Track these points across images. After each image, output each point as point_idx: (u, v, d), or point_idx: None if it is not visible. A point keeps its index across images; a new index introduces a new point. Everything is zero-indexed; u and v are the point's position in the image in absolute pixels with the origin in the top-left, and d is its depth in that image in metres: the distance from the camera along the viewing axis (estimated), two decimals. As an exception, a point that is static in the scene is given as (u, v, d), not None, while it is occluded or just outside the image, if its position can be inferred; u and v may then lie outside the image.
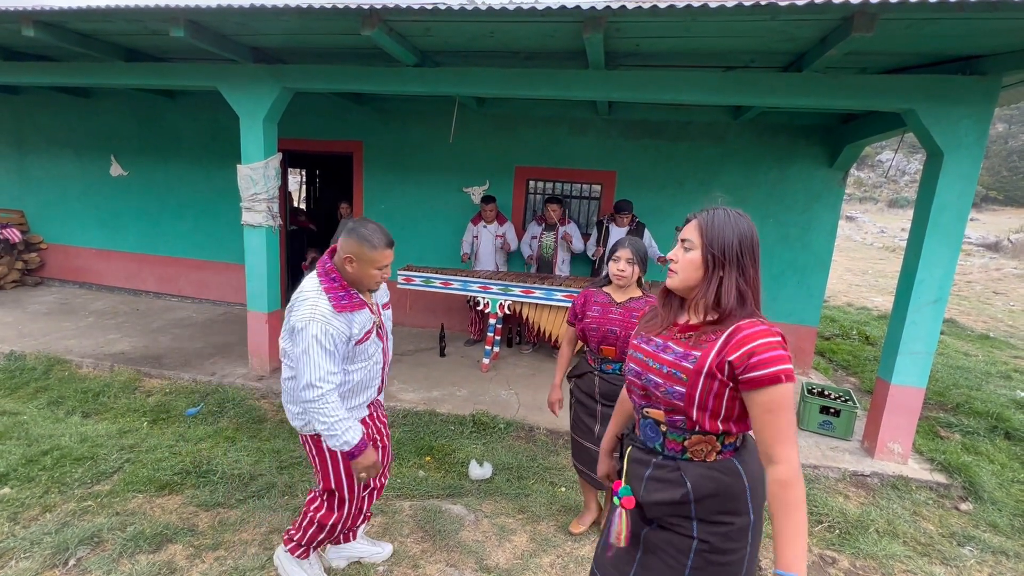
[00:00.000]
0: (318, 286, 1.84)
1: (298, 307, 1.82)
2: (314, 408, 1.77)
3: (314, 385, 1.76)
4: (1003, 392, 4.99)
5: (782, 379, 1.13)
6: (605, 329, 2.31)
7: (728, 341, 1.19)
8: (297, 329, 1.80)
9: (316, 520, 2.04)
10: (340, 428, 1.79)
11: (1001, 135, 30.04)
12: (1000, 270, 14.50)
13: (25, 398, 3.85)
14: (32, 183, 6.92)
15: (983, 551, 2.75)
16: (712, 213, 1.26)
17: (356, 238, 1.81)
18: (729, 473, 1.24)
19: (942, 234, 3.22)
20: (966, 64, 3.14)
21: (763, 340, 1.16)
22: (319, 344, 1.76)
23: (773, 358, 1.14)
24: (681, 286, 1.29)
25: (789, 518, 1.13)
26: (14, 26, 3.59)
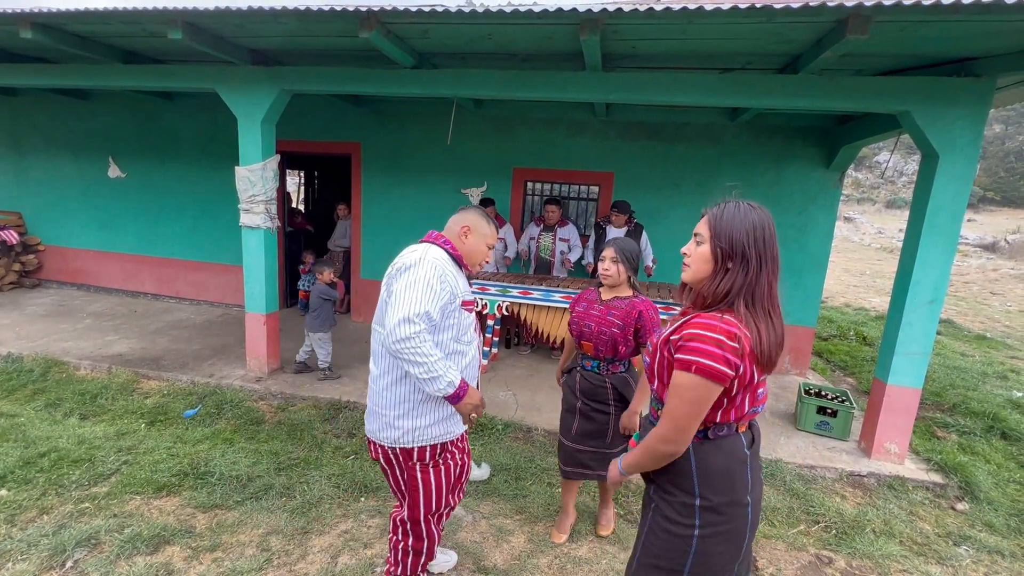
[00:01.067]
0: (428, 244, 1.77)
1: (405, 254, 1.72)
2: (410, 347, 1.55)
3: (411, 320, 1.55)
4: (1000, 392, 5.01)
5: (690, 369, 1.20)
6: (583, 324, 2.36)
7: (683, 325, 1.27)
8: (406, 266, 1.65)
9: (411, 549, 1.92)
10: (441, 368, 1.61)
11: (998, 136, 30.13)
12: (997, 271, 14.54)
13: (23, 400, 3.85)
14: (30, 185, 6.92)
15: (979, 551, 2.76)
16: (723, 207, 1.29)
17: (475, 212, 1.85)
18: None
19: (938, 235, 3.24)
20: (961, 66, 3.15)
21: (701, 331, 1.21)
22: (426, 281, 1.61)
23: (696, 348, 1.20)
24: (693, 279, 1.33)
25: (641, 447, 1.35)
26: (12, 28, 3.60)
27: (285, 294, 6.54)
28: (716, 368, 1.18)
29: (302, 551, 2.43)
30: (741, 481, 1.30)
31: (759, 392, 1.31)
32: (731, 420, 1.30)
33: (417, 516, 1.85)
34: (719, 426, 1.30)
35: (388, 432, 1.76)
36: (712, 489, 1.28)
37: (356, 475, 3.03)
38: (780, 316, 1.27)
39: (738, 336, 1.19)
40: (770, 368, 1.26)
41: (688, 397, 1.22)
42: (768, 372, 1.28)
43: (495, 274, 5.00)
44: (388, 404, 1.75)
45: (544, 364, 5.10)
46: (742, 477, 1.30)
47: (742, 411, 1.29)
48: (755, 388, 1.28)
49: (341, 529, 2.59)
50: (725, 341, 1.19)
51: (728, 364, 1.18)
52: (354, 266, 6.17)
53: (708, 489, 1.29)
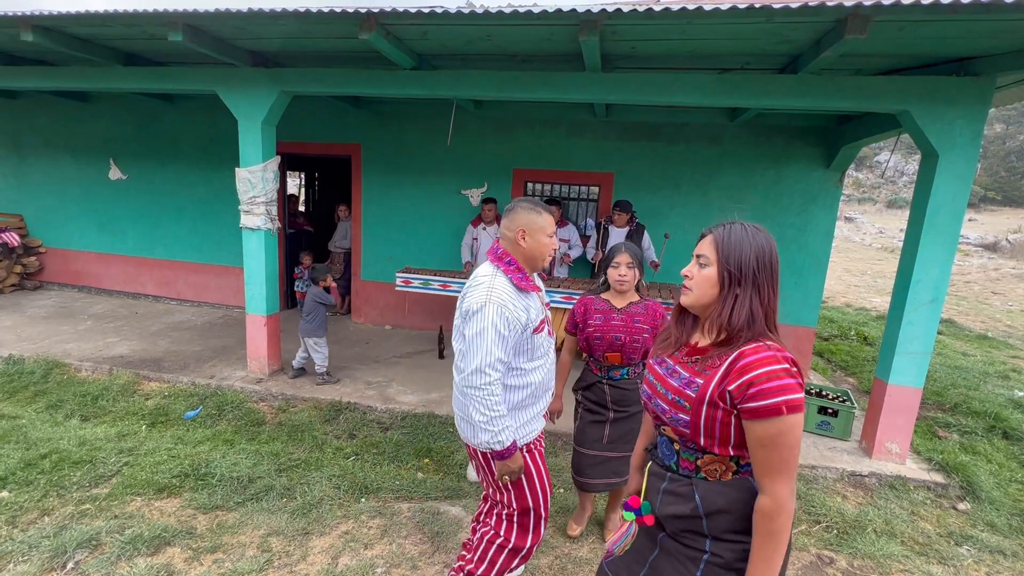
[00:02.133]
0: (494, 269, 1.77)
1: (472, 290, 1.73)
2: (479, 396, 1.65)
3: (483, 371, 1.65)
4: (1001, 392, 5.00)
5: (783, 411, 1.07)
6: (611, 337, 2.29)
7: (730, 369, 1.14)
8: (472, 311, 1.69)
9: (509, 547, 1.86)
10: (499, 425, 1.67)
11: (999, 135, 30.11)
12: (998, 270, 14.53)
13: (24, 402, 3.85)
14: (31, 187, 6.93)
15: (981, 550, 2.76)
16: (729, 228, 1.21)
17: (522, 211, 1.79)
18: (742, 490, 1.18)
19: (938, 234, 3.24)
20: (960, 65, 3.15)
21: (764, 369, 1.09)
22: (494, 328, 1.65)
23: (773, 389, 1.07)
24: (696, 304, 1.24)
25: (762, 547, 1.11)
26: (13, 31, 3.61)
27: (286, 295, 6.55)
28: (800, 399, 1.08)
29: (303, 552, 2.43)
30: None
31: None
32: None
33: (526, 505, 1.83)
34: None
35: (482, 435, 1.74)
36: None
37: (357, 476, 3.03)
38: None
39: (794, 361, 1.12)
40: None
41: (791, 441, 1.08)
42: None
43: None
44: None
45: (545, 365, 5.09)
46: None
47: None
48: None
49: (342, 530, 2.59)
50: (791, 369, 1.10)
51: (802, 389, 1.10)
52: (355, 267, 6.18)
53: None
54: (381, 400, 4.04)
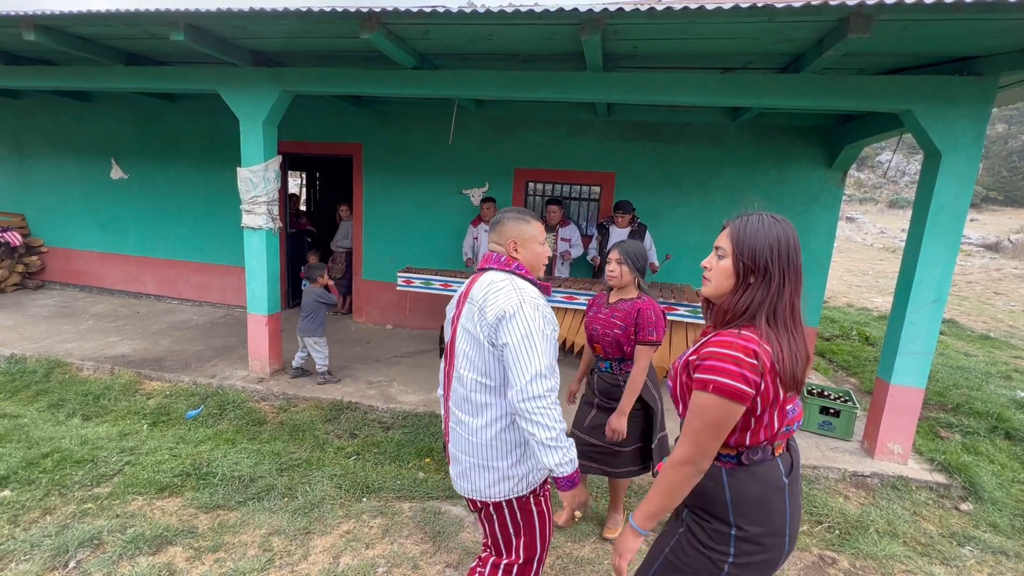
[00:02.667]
0: (507, 275, 1.60)
1: (495, 295, 1.52)
2: (542, 407, 1.41)
3: (544, 375, 1.43)
4: (1003, 392, 4.99)
5: (708, 388, 1.16)
6: (591, 328, 2.45)
7: (703, 343, 1.23)
8: (509, 314, 1.47)
9: None
10: (566, 440, 1.44)
11: (1001, 135, 30.05)
12: (1000, 270, 14.50)
13: (26, 401, 3.86)
14: (33, 187, 6.94)
15: (983, 551, 2.75)
16: (745, 219, 1.24)
17: (510, 222, 1.68)
18: (710, 477, 1.24)
19: (940, 234, 3.23)
20: (963, 65, 3.15)
21: (719, 349, 1.17)
22: (540, 330, 1.47)
23: (713, 367, 1.16)
24: (715, 294, 1.28)
25: (657, 485, 1.26)
26: (15, 30, 3.61)
27: (287, 295, 6.55)
28: (734, 386, 1.13)
29: (304, 551, 2.43)
30: (778, 511, 1.24)
31: (788, 409, 1.24)
32: (761, 441, 1.23)
33: (533, 555, 1.66)
34: (752, 450, 1.24)
35: (503, 485, 1.58)
36: (748, 519, 1.23)
37: (358, 475, 3.03)
38: (803, 333, 1.22)
39: (757, 352, 1.14)
40: (796, 387, 1.19)
41: (706, 417, 1.17)
42: (795, 391, 1.20)
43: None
44: (500, 454, 1.56)
45: (546, 364, 5.09)
46: (779, 507, 1.24)
47: (772, 430, 1.22)
48: (783, 405, 1.21)
49: (343, 529, 2.59)
50: (743, 358, 1.13)
51: (747, 382, 1.13)
52: (356, 267, 6.18)
53: (744, 519, 1.23)
54: (382, 400, 4.04)
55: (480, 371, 1.56)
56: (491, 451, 1.57)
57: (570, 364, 5.12)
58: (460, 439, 1.62)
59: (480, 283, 1.60)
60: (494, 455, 1.57)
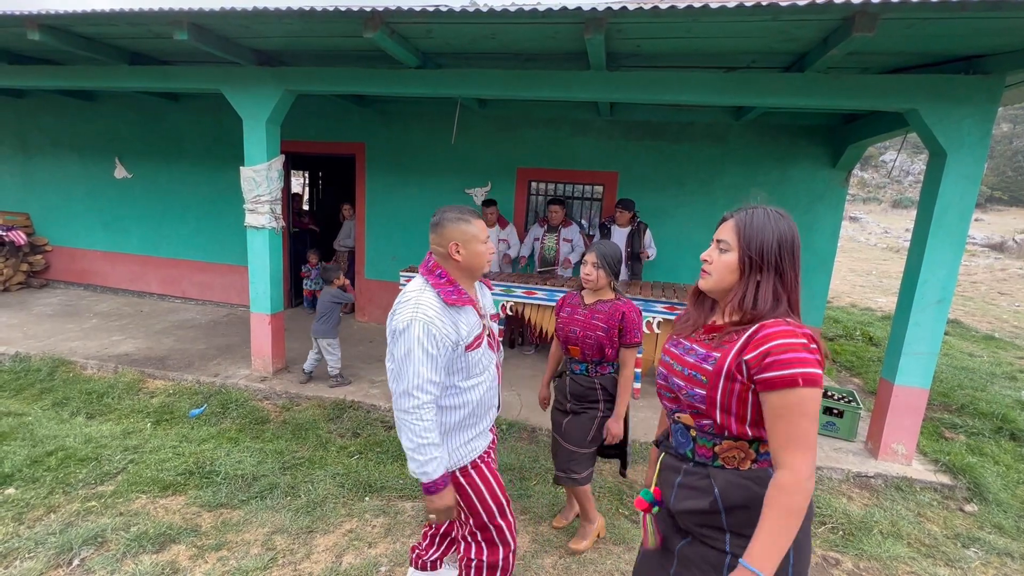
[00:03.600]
0: (423, 284, 1.69)
1: (400, 309, 1.65)
2: (407, 421, 1.58)
3: (411, 394, 1.57)
4: (1008, 393, 4.97)
5: (798, 382, 1.05)
6: (568, 330, 2.38)
7: (748, 341, 1.12)
8: (399, 331, 1.61)
9: (485, 566, 1.82)
10: (426, 454, 1.58)
11: (1006, 135, 29.91)
12: (1005, 270, 14.43)
13: (30, 399, 3.87)
14: (37, 186, 6.97)
15: (988, 552, 2.74)
16: (751, 213, 1.19)
17: (450, 223, 1.70)
18: (762, 484, 1.13)
19: (945, 234, 3.21)
20: (969, 64, 3.13)
21: (782, 340, 1.08)
22: (421, 347, 1.57)
23: (790, 360, 1.05)
24: (715, 288, 1.23)
25: (774, 519, 1.06)
26: (19, 30, 3.63)
27: (290, 294, 6.56)
28: (817, 374, 1.06)
29: (307, 550, 2.43)
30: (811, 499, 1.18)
31: None
32: None
33: (483, 521, 1.79)
34: None
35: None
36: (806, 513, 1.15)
37: (361, 474, 3.03)
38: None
39: (813, 337, 1.10)
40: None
41: (809, 412, 1.06)
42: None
43: (499, 274, 5.00)
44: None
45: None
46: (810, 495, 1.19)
47: None
48: None
49: (346, 528, 2.60)
50: (810, 344, 1.08)
51: (821, 366, 1.08)
52: (359, 266, 6.19)
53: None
54: (385, 399, 4.04)
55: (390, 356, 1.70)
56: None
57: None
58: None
59: (403, 290, 1.72)
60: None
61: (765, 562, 1.05)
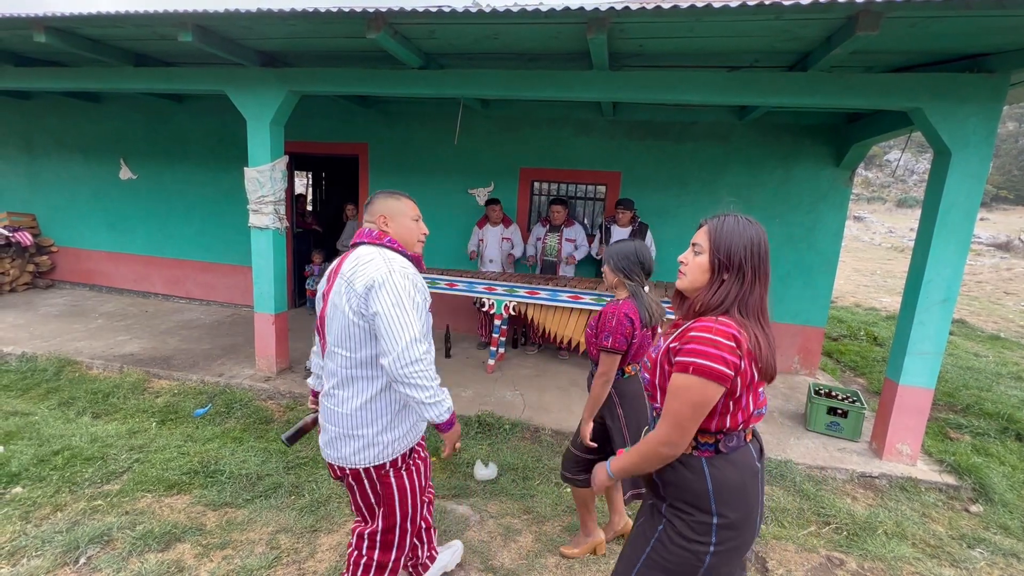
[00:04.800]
0: (376, 248, 1.65)
1: (364, 267, 1.57)
2: (420, 371, 1.50)
3: (418, 340, 1.50)
4: (1014, 393, 4.94)
5: (689, 369, 1.21)
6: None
7: (682, 332, 1.28)
8: (378, 283, 1.52)
9: (375, 562, 1.80)
10: (441, 394, 1.58)
11: (1011, 134, 29.73)
12: (1011, 270, 14.34)
13: (37, 399, 3.90)
14: (43, 187, 7.01)
15: (994, 553, 2.72)
16: (723, 219, 1.32)
17: (378, 200, 1.75)
18: (691, 469, 1.31)
19: (950, 233, 3.20)
20: (973, 62, 3.11)
21: (699, 334, 1.23)
22: (411, 297, 1.53)
23: (694, 350, 1.22)
24: (689, 287, 1.36)
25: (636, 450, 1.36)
26: (26, 32, 3.65)
27: (294, 294, 6.58)
28: (714, 368, 1.20)
29: (311, 549, 2.44)
30: (753, 494, 1.32)
31: (760, 391, 1.32)
32: (738, 425, 1.30)
33: (393, 523, 1.76)
34: (729, 436, 1.31)
35: (368, 452, 1.66)
36: (729, 506, 1.29)
37: (364, 474, 3.04)
38: (771, 329, 1.30)
39: (736, 336, 1.22)
40: (769, 376, 1.28)
41: (686, 398, 1.23)
42: (767, 380, 1.29)
43: (502, 274, 5.00)
44: (366, 422, 1.65)
45: (551, 364, 5.10)
46: (754, 490, 1.32)
47: (748, 412, 1.30)
48: (756, 388, 1.30)
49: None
50: (722, 342, 1.21)
51: (726, 364, 1.20)
52: (362, 266, 6.19)
53: (726, 507, 1.29)
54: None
55: (347, 346, 1.61)
56: (357, 420, 1.65)
57: (575, 364, 5.12)
58: (328, 411, 1.70)
59: (350, 258, 1.64)
60: (360, 424, 1.65)
61: (616, 468, 1.43)
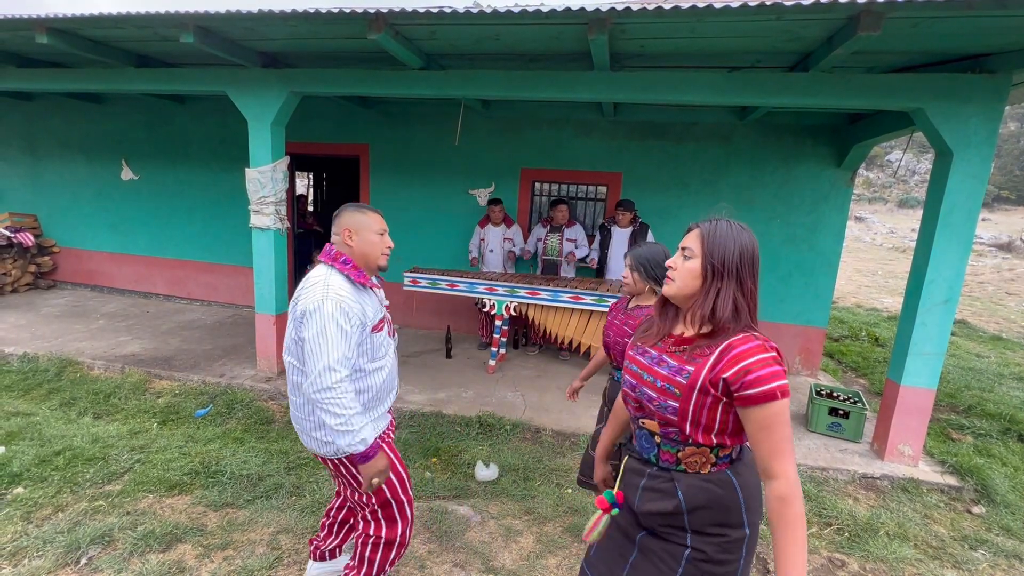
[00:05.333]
0: (328, 269, 1.75)
1: (307, 291, 1.70)
2: (330, 398, 1.59)
3: (333, 368, 1.59)
4: (1016, 394, 4.93)
5: (778, 396, 1.13)
6: (605, 334, 2.35)
7: (722, 357, 1.18)
8: (309, 312, 1.64)
9: (382, 542, 1.87)
10: (357, 423, 1.62)
11: (1013, 134, 29.69)
12: (1013, 270, 14.31)
13: (38, 399, 3.90)
14: (45, 188, 7.03)
15: (996, 554, 2.72)
16: (715, 223, 1.26)
17: (346, 213, 1.83)
18: (723, 485, 1.23)
19: (952, 234, 3.19)
20: (975, 62, 3.11)
21: (758, 357, 1.15)
22: (336, 323, 1.62)
23: (768, 375, 1.13)
24: (678, 294, 1.28)
25: (789, 534, 1.12)
26: (28, 33, 3.66)
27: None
28: (788, 385, 1.16)
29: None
30: (762, 494, 1.28)
31: None
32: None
33: (385, 498, 1.84)
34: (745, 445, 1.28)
35: (327, 448, 1.77)
36: (755, 512, 1.25)
37: (365, 475, 3.04)
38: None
39: (777, 349, 1.19)
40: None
41: (785, 422, 1.15)
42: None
43: (502, 274, 5.01)
44: (314, 427, 1.76)
45: (552, 365, 5.09)
46: (760, 490, 1.28)
47: None
48: None
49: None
50: (778, 356, 1.17)
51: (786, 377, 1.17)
52: (363, 267, 6.20)
53: (752, 514, 1.25)
54: (389, 399, 4.05)
55: (295, 356, 1.75)
56: (308, 424, 1.78)
57: (576, 364, 5.11)
58: (293, 410, 1.85)
59: (305, 277, 1.78)
60: (310, 427, 1.77)
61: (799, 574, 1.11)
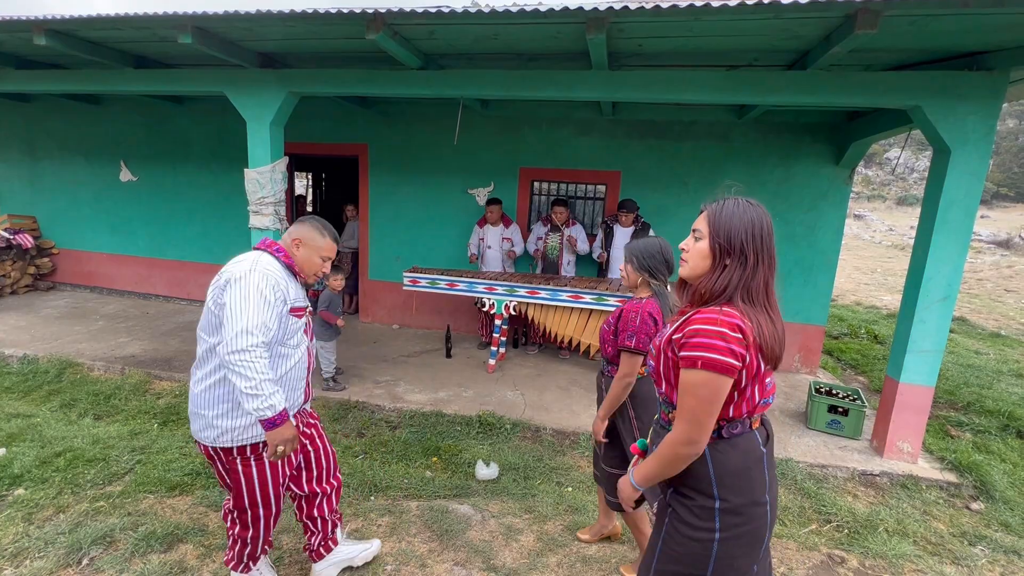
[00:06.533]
0: (259, 253, 1.82)
1: (235, 265, 1.75)
2: (244, 361, 1.59)
3: (250, 332, 1.60)
4: (1015, 391, 4.94)
5: (697, 364, 1.20)
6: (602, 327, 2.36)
7: (684, 322, 1.27)
8: (234, 279, 1.67)
9: (238, 537, 1.97)
10: (268, 388, 1.62)
11: (1011, 131, 29.73)
12: (1012, 267, 14.33)
13: (38, 400, 3.91)
14: (44, 189, 7.03)
15: (995, 551, 2.73)
16: (722, 203, 1.29)
17: (308, 224, 1.89)
18: None
19: (950, 231, 3.20)
20: (972, 60, 3.12)
21: (704, 327, 1.20)
22: (259, 292, 1.66)
23: (701, 344, 1.20)
24: (691, 275, 1.33)
25: (655, 456, 1.32)
26: (26, 35, 3.66)
27: (294, 295, 6.58)
28: (723, 361, 1.18)
29: (313, 549, 2.44)
30: (759, 480, 1.28)
31: (767, 382, 1.30)
32: (743, 414, 1.28)
33: (242, 505, 1.90)
34: (732, 423, 1.29)
35: (208, 432, 1.79)
36: (731, 490, 1.27)
37: (366, 474, 3.04)
38: (778, 313, 1.27)
39: (740, 327, 1.20)
40: (775, 363, 1.25)
41: (700, 394, 1.21)
42: (773, 367, 1.27)
43: (502, 274, 5.01)
44: (207, 404, 1.78)
45: (551, 364, 5.10)
46: (760, 475, 1.29)
47: (753, 403, 1.28)
48: (763, 378, 1.27)
49: (351, 528, 2.61)
50: (728, 333, 1.19)
51: (734, 355, 1.18)
52: (362, 267, 6.21)
53: (727, 490, 1.27)
54: (389, 399, 4.06)
55: (206, 331, 1.77)
56: (201, 401, 1.78)
57: (576, 364, 5.12)
58: (190, 388, 1.86)
59: (234, 258, 1.81)
60: (203, 404, 1.78)
61: (640, 477, 1.38)
